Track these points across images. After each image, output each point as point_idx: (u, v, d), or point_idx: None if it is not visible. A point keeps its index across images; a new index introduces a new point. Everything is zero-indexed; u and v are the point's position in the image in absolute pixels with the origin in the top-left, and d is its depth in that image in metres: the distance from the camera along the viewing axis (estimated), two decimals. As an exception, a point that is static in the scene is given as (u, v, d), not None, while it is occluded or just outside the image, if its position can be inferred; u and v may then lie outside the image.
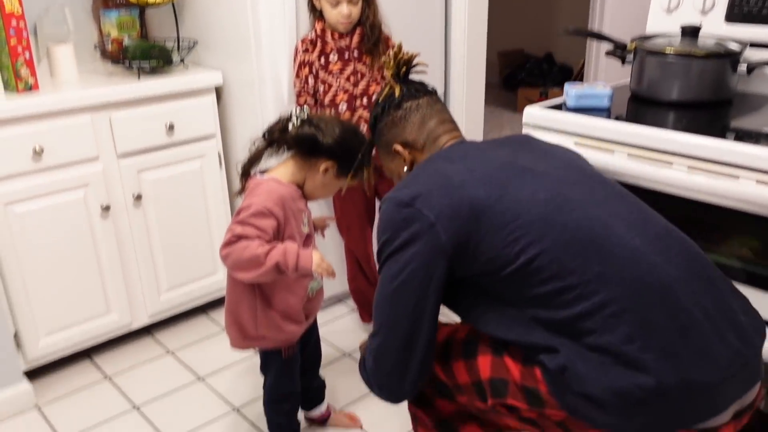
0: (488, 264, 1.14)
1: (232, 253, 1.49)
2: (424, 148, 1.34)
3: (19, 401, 2.10)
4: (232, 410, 2.09)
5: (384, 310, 1.23)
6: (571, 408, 1.10)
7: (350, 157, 1.57)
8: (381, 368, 1.25)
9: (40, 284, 2.10)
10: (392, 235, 1.20)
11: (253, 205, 1.51)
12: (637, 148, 1.48)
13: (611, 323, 1.06)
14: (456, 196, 1.16)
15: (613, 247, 1.10)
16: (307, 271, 1.49)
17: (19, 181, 1.99)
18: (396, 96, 1.35)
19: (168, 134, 2.23)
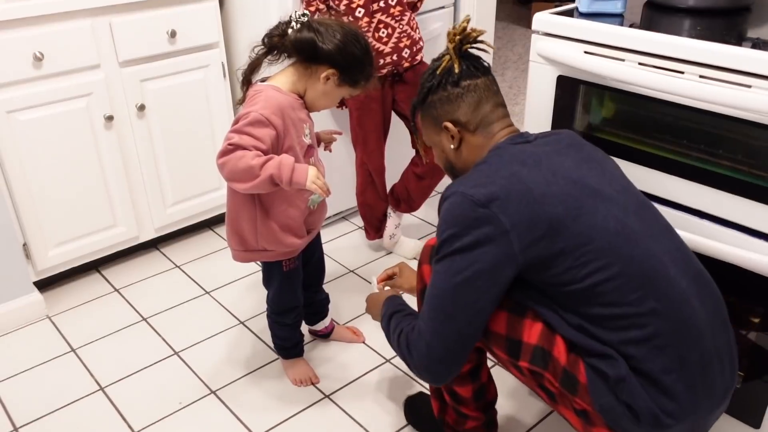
0: (554, 278, 1.17)
1: (228, 163, 1.45)
2: (476, 131, 1.30)
3: (30, 311, 2.14)
4: (237, 323, 2.12)
5: (442, 300, 1.22)
6: (605, 409, 1.17)
7: (352, 65, 1.51)
8: (432, 355, 1.25)
9: (47, 196, 2.10)
10: (461, 231, 1.18)
11: (251, 114, 1.46)
12: (648, 56, 1.42)
13: (654, 354, 1.15)
14: (536, 209, 1.15)
15: (666, 287, 1.17)
16: (301, 186, 1.46)
17: (21, 88, 1.96)
18: (455, 72, 1.29)
19: (170, 42, 2.17)
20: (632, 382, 1.15)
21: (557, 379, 1.22)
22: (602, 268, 1.15)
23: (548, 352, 1.21)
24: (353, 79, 1.53)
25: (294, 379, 1.86)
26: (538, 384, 1.27)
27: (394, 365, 1.92)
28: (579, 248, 1.15)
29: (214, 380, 1.89)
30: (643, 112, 1.54)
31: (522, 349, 1.24)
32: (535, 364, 1.23)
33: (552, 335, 1.22)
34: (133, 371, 1.93)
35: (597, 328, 1.17)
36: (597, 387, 1.17)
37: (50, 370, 1.94)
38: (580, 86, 1.57)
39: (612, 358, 1.16)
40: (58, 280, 2.31)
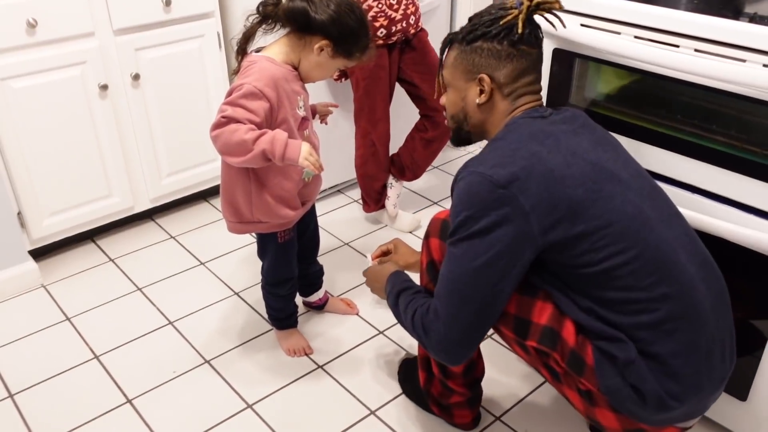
0: (571, 260, 1.17)
1: (221, 136, 1.44)
2: (507, 96, 1.27)
3: (25, 280, 2.15)
4: (232, 294, 2.13)
5: (459, 284, 1.21)
6: (611, 390, 1.19)
7: (347, 37, 1.49)
8: (451, 337, 1.24)
9: (42, 164, 2.10)
10: (480, 212, 1.16)
11: (245, 86, 1.45)
12: (644, 29, 1.41)
13: (663, 338, 1.16)
14: (556, 191, 1.14)
15: (677, 273, 1.18)
16: (293, 162, 1.44)
17: (14, 55, 1.94)
18: (518, 32, 1.23)
19: (165, 10, 2.15)
20: (641, 365, 1.16)
21: (564, 360, 1.23)
22: (619, 252, 1.15)
23: (557, 332, 1.22)
24: (348, 50, 1.51)
25: (288, 350, 1.88)
26: (543, 363, 1.29)
27: (387, 337, 1.94)
28: (597, 231, 1.15)
29: (209, 350, 1.90)
30: (638, 86, 1.53)
31: (531, 329, 1.25)
32: (544, 344, 1.24)
33: (562, 317, 1.22)
34: (128, 340, 1.94)
35: (608, 312, 1.18)
36: (604, 369, 1.18)
37: (45, 339, 1.96)
38: (575, 60, 1.56)
39: (621, 341, 1.17)
40: (53, 249, 2.31)
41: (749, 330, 1.47)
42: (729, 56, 1.30)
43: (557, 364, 1.25)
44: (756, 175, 1.36)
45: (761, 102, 1.29)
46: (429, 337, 1.27)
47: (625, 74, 1.53)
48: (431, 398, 1.58)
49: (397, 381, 1.77)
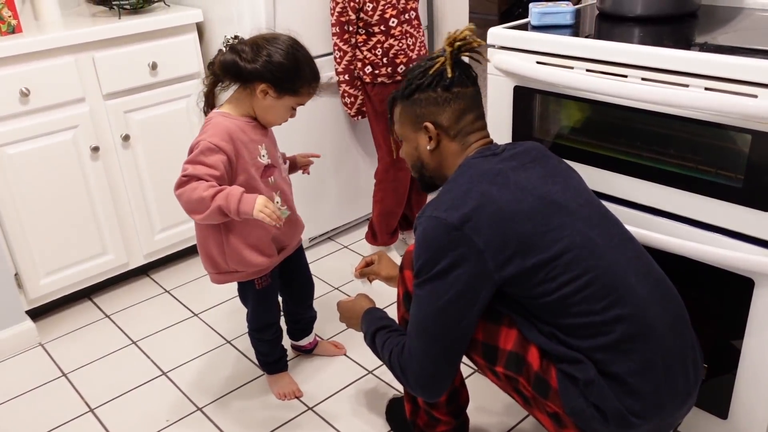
0: (527, 291, 1.23)
1: (183, 194, 1.49)
2: (455, 138, 1.34)
3: (23, 339, 2.19)
4: (224, 342, 2.17)
5: (427, 323, 1.27)
6: (575, 411, 1.22)
7: (282, 75, 1.52)
8: (425, 374, 1.30)
9: (38, 226, 2.17)
10: (437, 255, 1.22)
11: (201, 143, 1.51)
12: (595, 63, 1.49)
13: (619, 357, 1.20)
14: (507, 228, 1.20)
15: (629, 295, 1.22)
16: (247, 215, 1.47)
17: (9, 123, 2.04)
18: (447, 76, 1.31)
19: (152, 74, 2.26)
20: (600, 385, 1.20)
21: (530, 384, 1.26)
22: (571, 281, 1.20)
23: (522, 357, 1.26)
24: (290, 88, 1.55)
25: (278, 393, 1.90)
26: (514, 388, 1.32)
27: (376, 376, 1.96)
28: (549, 263, 1.20)
29: (201, 397, 1.93)
30: (596, 116, 1.61)
31: (498, 354, 1.29)
32: (510, 369, 1.28)
33: (526, 342, 1.26)
34: (123, 392, 1.97)
35: (567, 336, 1.22)
36: (568, 391, 1.22)
37: (42, 395, 1.99)
38: (535, 95, 1.64)
39: (581, 362, 1.21)
40: (50, 308, 2.37)
41: (723, 348, 1.49)
42: (673, 82, 1.37)
43: (525, 389, 1.29)
44: (713, 194, 1.41)
45: (707, 123, 1.36)
46: (406, 376, 1.33)
47: (584, 106, 1.60)
48: (417, 429, 1.60)
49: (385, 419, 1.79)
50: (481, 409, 1.80)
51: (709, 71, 1.32)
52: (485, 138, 1.38)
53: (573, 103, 1.61)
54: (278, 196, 1.68)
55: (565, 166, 1.38)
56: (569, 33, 1.61)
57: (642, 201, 1.54)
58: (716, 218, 1.42)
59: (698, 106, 1.31)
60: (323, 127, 2.48)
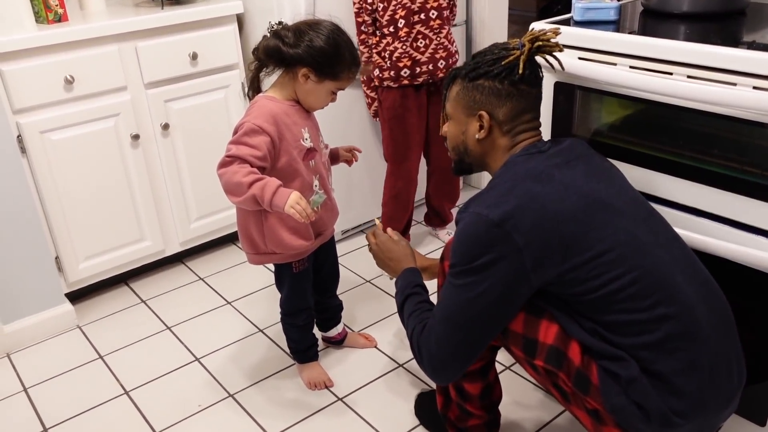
0: (569, 288, 1.22)
1: (224, 175, 1.53)
2: (506, 133, 1.33)
3: (61, 321, 2.25)
4: (256, 331, 2.19)
5: (455, 311, 1.27)
6: (616, 408, 1.20)
7: (323, 59, 1.56)
8: (439, 357, 1.30)
9: (78, 211, 2.22)
10: (476, 250, 1.22)
11: (245, 124, 1.55)
12: (639, 59, 1.47)
13: (664, 356, 1.18)
14: (549, 227, 1.19)
15: (675, 294, 1.20)
16: (279, 209, 1.51)
17: (53, 109, 2.09)
18: (519, 72, 1.29)
19: (192, 64, 2.29)
20: (643, 383, 1.18)
21: (570, 379, 1.25)
22: (615, 279, 1.19)
23: (563, 352, 1.25)
24: (331, 72, 1.58)
25: (308, 383, 1.92)
26: (553, 383, 1.31)
27: (406, 369, 1.97)
28: (591, 261, 1.19)
29: (233, 384, 1.96)
30: (638, 114, 1.58)
31: (537, 348, 1.28)
32: (550, 364, 1.27)
33: (567, 337, 1.25)
34: (157, 376, 2.01)
35: (610, 333, 1.21)
36: (609, 388, 1.20)
37: (79, 376, 2.04)
38: (576, 91, 1.62)
39: (624, 360, 1.20)
40: (88, 292, 2.42)
41: (764, 354, 1.46)
42: (720, 81, 1.34)
43: (564, 384, 1.28)
44: (758, 196, 1.38)
45: (754, 123, 1.33)
46: (421, 355, 1.34)
47: (626, 103, 1.58)
48: (449, 422, 1.60)
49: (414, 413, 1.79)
50: (514, 404, 1.79)
51: (758, 70, 1.29)
52: (536, 137, 1.36)
53: (614, 100, 1.59)
54: (317, 180, 1.70)
55: (609, 164, 1.37)
56: (613, 29, 1.58)
57: (683, 201, 1.51)
58: (761, 221, 1.39)
59: (746, 105, 1.28)
60: (360, 120, 2.49)
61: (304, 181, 1.66)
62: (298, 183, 1.64)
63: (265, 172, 1.57)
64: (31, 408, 1.92)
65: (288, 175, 1.62)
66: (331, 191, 1.79)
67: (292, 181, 1.62)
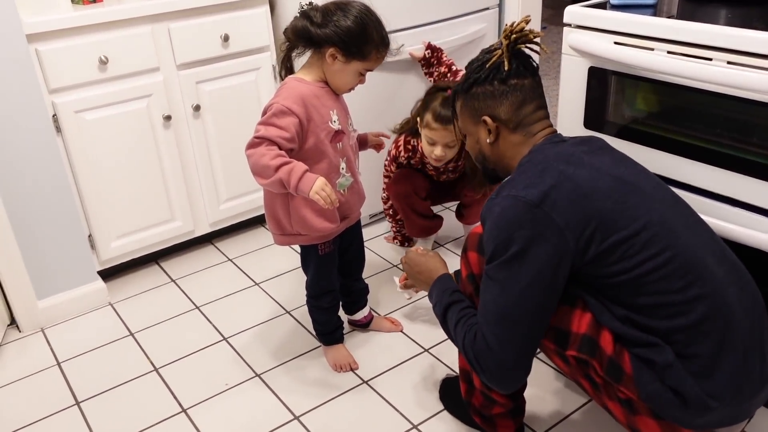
0: (604, 269, 1.20)
1: (252, 156, 1.54)
2: (515, 130, 1.33)
3: (94, 298, 2.29)
4: (283, 312, 2.21)
5: (505, 308, 1.24)
6: (651, 396, 1.20)
7: (351, 39, 1.56)
8: (505, 364, 1.26)
9: (111, 190, 2.25)
10: (516, 234, 1.20)
11: (274, 105, 1.56)
12: (677, 44, 1.43)
13: (699, 339, 1.18)
14: (587, 206, 1.19)
15: (708, 275, 1.19)
16: (304, 195, 1.51)
17: (88, 89, 2.12)
18: (504, 69, 1.31)
19: (224, 46, 2.30)
20: (679, 368, 1.17)
21: (602, 368, 1.24)
22: (650, 258, 1.18)
23: (596, 341, 1.24)
24: (358, 52, 1.58)
25: (334, 365, 1.93)
26: (583, 374, 1.30)
27: (432, 354, 1.97)
28: (627, 240, 1.18)
29: (259, 364, 1.98)
30: (675, 101, 1.55)
31: (570, 338, 1.27)
32: (583, 353, 1.26)
33: (599, 325, 1.24)
34: (185, 354, 2.04)
35: (643, 318, 1.20)
36: (643, 375, 1.20)
37: (110, 352, 2.08)
38: (611, 77, 1.59)
39: (658, 345, 1.19)
40: (119, 270, 2.46)
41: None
42: (762, 67, 1.31)
43: (596, 374, 1.26)
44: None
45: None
46: (481, 366, 1.29)
47: (662, 89, 1.54)
48: (473, 409, 1.60)
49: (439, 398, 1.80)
50: (535, 395, 1.78)
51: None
52: (549, 127, 1.36)
53: (650, 86, 1.55)
54: (344, 163, 1.70)
55: (630, 160, 1.35)
56: (650, 13, 1.55)
57: (719, 191, 1.48)
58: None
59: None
60: (390, 107, 2.48)
61: (331, 164, 1.66)
62: (325, 165, 1.64)
63: (292, 153, 1.57)
64: (64, 381, 1.97)
65: (315, 157, 1.62)
66: (358, 175, 1.79)
67: (319, 163, 1.63)
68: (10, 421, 1.83)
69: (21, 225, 2.09)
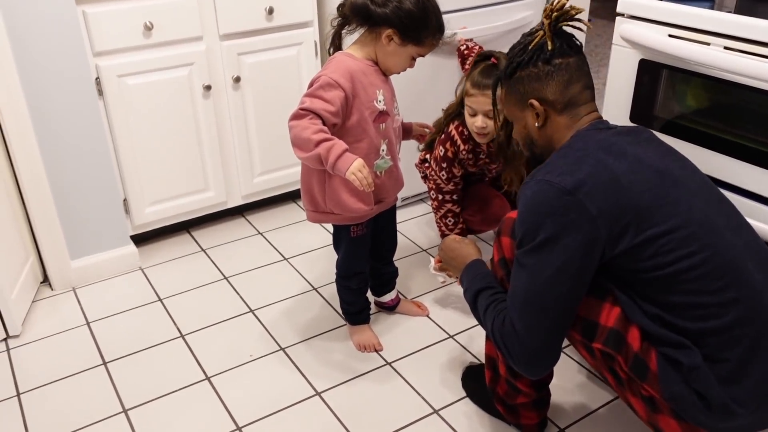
0: (638, 264, 1.18)
1: (295, 128, 1.53)
2: (563, 111, 1.30)
3: (125, 261, 2.32)
4: (311, 289, 2.22)
5: (534, 295, 1.22)
6: (675, 397, 1.17)
7: (410, 23, 1.55)
8: (531, 350, 1.24)
9: (148, 156, 2.27)
10: (547, 219, 1.18)
11: (321, 78, 1.55)
12: (734, 40, 1.39)
13: (730, 344, 1.15)
14: (623, 197, 1.16)
15: (746, 279, 1.16)
16: (341, 174, 1.50)
17: (132, 54, 2.13)
18: (548, 49, 1.27)
19: (267, 18, 2.29)
20: (706, 371, 1.15)
21: (627, 364, 1.22)
22: (686, 257, 1.15)
23: (623, 336, 1.22)
24: (416, 36, 1.57)
25: (358, 345, 1.93)
26: (608, 367, 1.28)
27: (456, 341, 1.96)
28: (664, 236, 1.15)
29: (284, 338, 1.99)
30: (727, 99, 1.50)
31: (598, 331, 1.25)
32: (609, 347, 1.24)
33: (628, 321, 1.22)
34: (212, 323, 2.06)
35: (674, 317, 1.17)
36: (668, 375, 1.17)
37: (138, 316, 2.11)
38: (662, 70, 1.55)
39: (687, 347, 1.16)
40: (151, 236, 2.49)
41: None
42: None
43: (621, 369, 1.24)
44: None
45: None
46: (509, 350, 1.28)
47: (715, 86, 1.50)
48: (497, 397, 1.59)
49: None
50: (561, 388, 1.76)
51: None
52: (595, 111, 1.32)
53: (703, 81, 1.51)
54: (385, 144, 1.68)
55: (679, 154, 1.31)
56: (708, 6, 1.50)
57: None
58: None
59: None
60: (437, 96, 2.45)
61: (372, 144, 1.65)
62: (365, 144, 1.63)
63: (335, 129, 1.56)
64: (93, 341, 2.00)
65: (356, 135, 1.61)
66: (398, 160, 1.78)
67: (359, 142, 1.62)
68: (39, 376, 1.87)
69: (59, 186, 2.12)
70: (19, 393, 1.82)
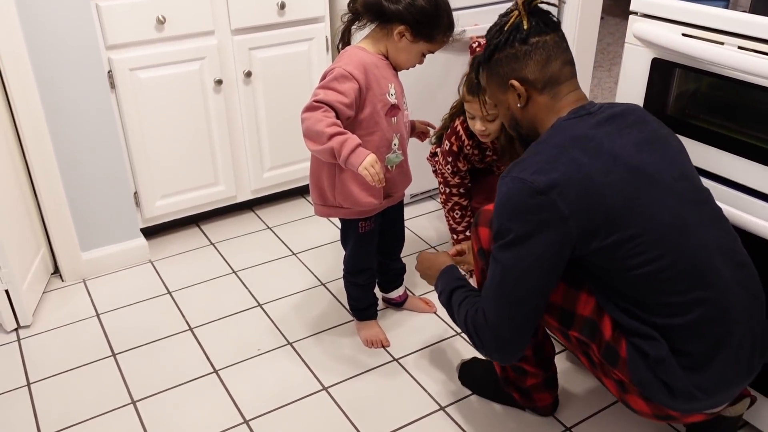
0: (607, 264, 1.21)
1: (307, 120, 1.52)
2: (543, 90, 1.30)
3: (135, 254, 2.34)
4: (319, 284, 2.22)
5: (505, 288, 1.26)
6: (642, 383, 1.22)
7: (423, 20, 1.55)
8: (501, 339, 1.29)
9: (159, 149, 2.28)
10: (520, 218, 1.20)
11: (335, 69, 1.56)
12: (749, 39, 1.37)
13: (694, 338, 1.20)
14: (595, 200, 1.17)
15: (713, 278, 1.20)
16: (353, 168, 1.50)
17: (143, 48, 2.14)
18: (524, 28, 1.27)
19: (279, 14, 2.30)
20: (671, 363, 1.19)
21: (600, 351, 1.27)
22: (653, 260, 1.18)
23: (597, 325, 1.26)
24: (427, 33, 1.58)
25: (365, 340, 1.94)
26: (583, 352, 1.33)
27: (464, 339, 1.96)
28: (632, 240, 1.18)
29: (292, 333, 1.99)
30: (740, 99, 1.49)
31: (575, 320, 1.30)
32: (585, 335, 1.29)
33: (602, 310, 1.26)
34: (220, 317, 2.07)
35: (643, 312, 1.21)
36: (636, 364, 1.22)
37: (147, 308, 2.12)
38: (675, 70, 1.53)
39: (654, 339, 1.20)
40: (161, 230, 2.50)
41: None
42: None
43: (594, 355, 1.29)
44: None
45: None
46: (480, 339, 1.33)
47: (729, 86, 1.48)
48: (510, 384, 1.62)
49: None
50: (566, 393, 1.76)
51: None
52: (576, 90, 1.31)
53: (717, 82, 1.49)
54: (397, 139, 1.69)
55: (666, 132, 1.31)
56: (723, 5, 1.48)
57: (779, 195, 1.42)
58: None
59: None
60: (439, 86, 2.45)
61: (384, 137, 1.65)
62: (377, 138, 1.63)
63: (348, 122, 1.56)
64: (102, 333, 2.01)
65: (369, 127, 1.61)
66: (407, 155, 1.78)
67: (372, 135, 1.62)
68: (49, 366, 1.89)
69: (70, 178, 2.13)
70: (30, 383, 1.83)
